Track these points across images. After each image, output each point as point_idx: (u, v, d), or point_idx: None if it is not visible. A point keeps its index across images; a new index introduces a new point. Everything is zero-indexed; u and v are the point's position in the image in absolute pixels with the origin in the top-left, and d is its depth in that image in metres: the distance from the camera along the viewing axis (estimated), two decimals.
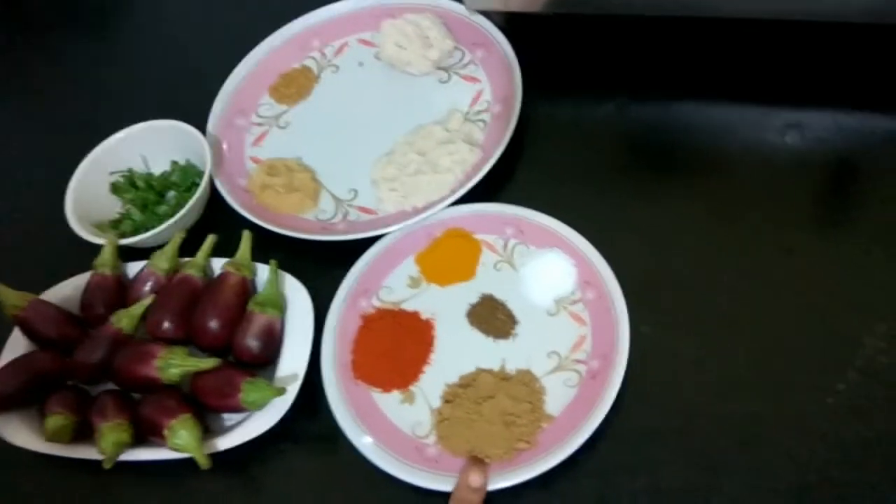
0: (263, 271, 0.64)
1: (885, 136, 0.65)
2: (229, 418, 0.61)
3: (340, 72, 0.80)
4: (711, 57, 0.72)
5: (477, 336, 0.62)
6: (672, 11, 0.67)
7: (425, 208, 0.67)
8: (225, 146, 0.76)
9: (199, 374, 0.59)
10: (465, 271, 0.65)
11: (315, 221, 0.70)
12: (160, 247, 0.67)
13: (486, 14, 0.76)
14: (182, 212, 0.68)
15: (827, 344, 0.57)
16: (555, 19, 0.76)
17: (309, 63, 0.81)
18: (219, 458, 0.57)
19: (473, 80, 0.75)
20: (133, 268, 0.68)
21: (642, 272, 0.61)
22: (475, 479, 0.53)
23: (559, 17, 0.75)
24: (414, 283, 0.65)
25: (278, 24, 0.81)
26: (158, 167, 0.76)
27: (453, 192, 0.67)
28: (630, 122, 0.71)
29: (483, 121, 0.72)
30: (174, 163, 0.75)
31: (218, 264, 0.66)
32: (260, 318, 0.61)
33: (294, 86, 0.79)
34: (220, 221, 0.71)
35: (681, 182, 0.66)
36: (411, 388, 0.60)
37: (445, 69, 0.77)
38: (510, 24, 0.76)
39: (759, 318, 0.58)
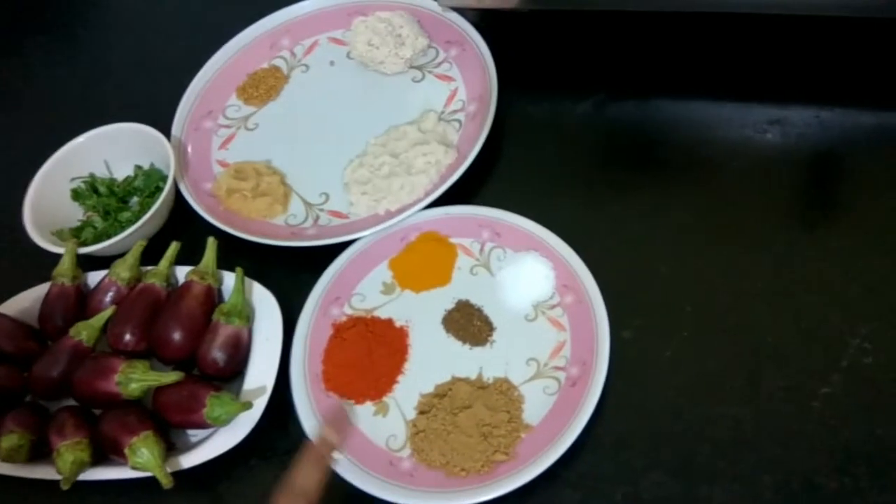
0: (230, 279, 0.62)
1: (868, 132, 0.64)
2: (195, 434, 0.58)
3: (311, 71, 0.78)
4: (690, 53, 0.70)
5: (453, 343, 0.60)
6: (639, 6, 0.65)
7: (399, 211, 0.65)
8: (190, 149, 0.73)
9: (161, 389, 0.57)
10: (441, 276, 0.63)
11: (284, 226, 0.68)
12: (123, 255, 0.64)
13: (460, 11, 0.74)
14: (144, 218, 0.66)
15: (811, 346, 0.55)
16: (530, 16, 0.74)
17: (278, 62, 0.79)
18: (183, 475, 0.55)
19: (448, 78, 0.73)
20: (94, 277, 0.65)
21: (622, 275, 0.60)
22: (330, 433, 0.51)
23: (534, 13, 0.73)
24: (387, 289, 0.63)
25: (246, 23, 0.79)
26: (122, 172, 0.73)
27: (427, 194, 0.65)
28: (608, 120, 0.69)
29: (458, 121, 0.70)
30: (138, 167, 0.73)
31: (182, 273, 0.63)
32: (226, 329, 0.58)
33: (263, 86, 0.77)
34: (185, 228, 0.68)
35: (660, 181, 0.65)
36: (385, 399, 0.58)
37: (419, 68, 0.75)
38: (485, 20, 0.74)
39: (742, 321, 0.57)
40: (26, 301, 0.65)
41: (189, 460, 0.55)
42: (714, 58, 0.70)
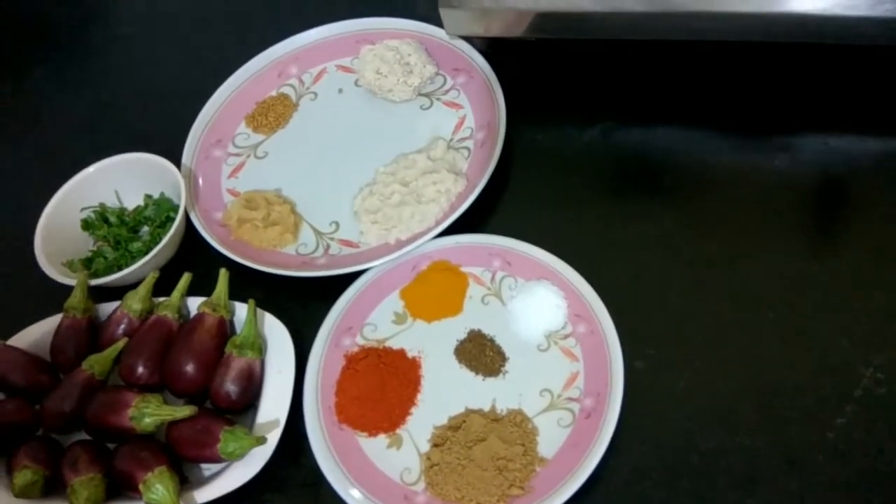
0: (242, 310, 0.62)
1: (876, 159, 0.64)
2: (208, 467, 0.58)
3: (319, 99, 0.78)
4: (698, 81, 0.71)
5: (465, 374, 0.60)
6: (648, 35, 0.65)
7: (409, 241, 0.65)
8: (201, 179, 0.73)
9: (175, 423, 0.57)
10: (452, 306, 0.63)
11: (295, 256, 0.68)
12: (134, 286, 0.64)
13: (467, 39, 0.74)
14: (156, 249, 0.66)
15: (825, 375, 0.55)
16: (537, 44, 0.74)
17: (287, 90, 0.79)
18: None
19: (456, 106, 0.74)
20: (106, 309, 0.65)
21: (633, 304, 0.60)
22: None
23: (541, 41, 0.73)
24: (399, 319, 0.63)
25: (255, 51, 0.79)
26: (132, 201, 0.73)
27: (438, 223, 0.65)
28: (616, 147, 0.69)
29: (467, 148, 0.71)
30: (148, 197, 0.73)
31: (194, 304, 0.63)
32: (238, 362, 0.58)
33: (272, 114, 0.77)
34: (196, 258, 0.68)
35: (670, 209, 0.65)
36: (398, 431, 0.58)
37: (427, 95, 0.75)
38: (492, 48, 0.75)
39: (754, 350, 0.57)
40: (38, 333, 0.64)
41: (203, 495, 0.55)
42: (722, 85, 0.70)
